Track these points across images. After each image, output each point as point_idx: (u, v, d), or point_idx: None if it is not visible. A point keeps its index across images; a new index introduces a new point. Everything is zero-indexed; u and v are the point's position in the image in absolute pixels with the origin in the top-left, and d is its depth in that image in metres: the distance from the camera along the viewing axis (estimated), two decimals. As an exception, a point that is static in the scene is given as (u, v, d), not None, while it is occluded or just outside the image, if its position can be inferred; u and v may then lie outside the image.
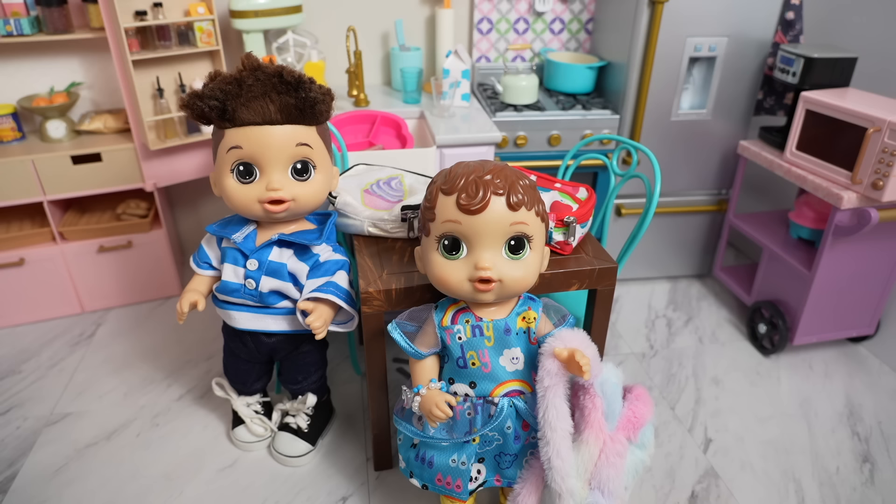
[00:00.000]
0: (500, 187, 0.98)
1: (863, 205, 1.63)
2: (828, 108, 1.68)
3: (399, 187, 1.46)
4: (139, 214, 2.08)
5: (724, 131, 2.09)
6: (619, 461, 1.07)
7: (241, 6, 1.87)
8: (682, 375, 1.88)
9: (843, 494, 1.48)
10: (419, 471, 1.19)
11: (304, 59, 2.05)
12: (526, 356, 1.11)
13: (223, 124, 1.19)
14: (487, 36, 2.30)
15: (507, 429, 1.13)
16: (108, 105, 2.12)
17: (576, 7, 2.29)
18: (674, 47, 1.92)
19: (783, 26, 1.95)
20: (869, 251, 1.78)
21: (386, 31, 2.25)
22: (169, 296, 2.18)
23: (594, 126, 2.02)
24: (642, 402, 1.13)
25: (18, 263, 1.92)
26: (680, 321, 2.15)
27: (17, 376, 1.80)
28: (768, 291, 1.99)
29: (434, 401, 1.08)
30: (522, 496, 1.12)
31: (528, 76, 2.05)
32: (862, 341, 2.02)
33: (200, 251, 1.40)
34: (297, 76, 1.16)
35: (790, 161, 1.84)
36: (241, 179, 1.22)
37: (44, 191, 1.87)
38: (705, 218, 2.25)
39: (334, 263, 1.33)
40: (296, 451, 1.51)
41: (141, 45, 1.78)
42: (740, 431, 1.66)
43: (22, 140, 1.94)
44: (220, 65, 1.89)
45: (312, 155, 1.24)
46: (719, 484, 1.50)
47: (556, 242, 1.29)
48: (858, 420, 1.71)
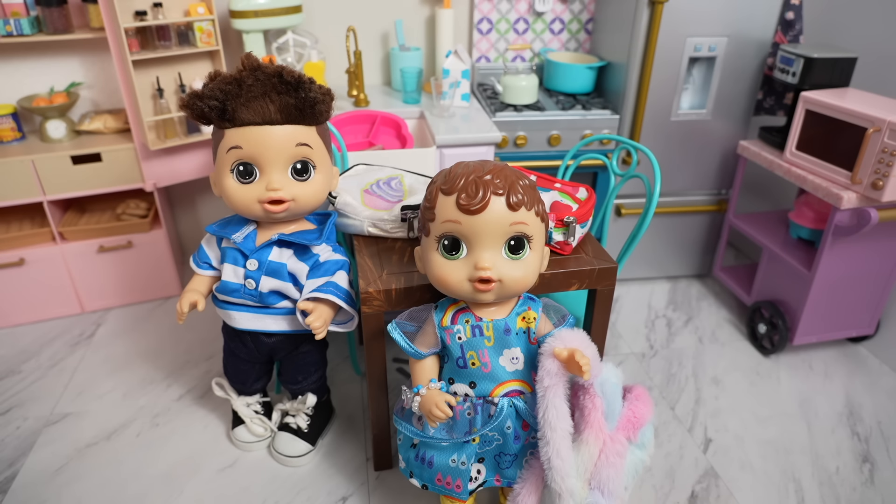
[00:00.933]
0: (499, 187, 0.98)
1: (862, 205, 1.63)
2: (828, 108, 1.68)
3: (399, 187, 1.46)
4: (139, 214, 2.08)
5: (724, 131, 2.09)
6: (619, 461, 1.07)
7: (241, 6, 1.87)
8: (681, 375, 1.88)
9: (843, 494, 1.48)
10: (419, 471, 1.19)
11: (304, 59, 2.05)
12: (526, 356, 1.11)
13: (223, 124, 1.19)
14: (487, 36, 2.30)
15: (506, 429, 1.13)
16: (108, 105, 2.12)
17: (576, 7, 2.29)
18: (674, 47, 1.92)
19: (783, 26, 1.95)
20: (869, 251, 1.79)
21: (386, 31, 2.25)
22: (169, 296, 2.18)
23: (594, 126, 2.02)
24: (642, 402, 1.13)
25: (18, 263, 1.92)
26: (680, 321, 2.15)
27: (17, 376, 1.80)
28: (768, 291, 1.99)
29: (434, 401, 1.08)
30: (522, 496, 1.12)
31: (528, 76, 2.05)
32: (862, 341, 2.02)
33: (200, 251, 1.40)
34: (297, 76, 1.17)
35: (790, 161, 1.84)
36: (241, 179, 1.22)
37: (44, 191, 1.87)
38: (705, 218, 2.25)
39: (334, 263, 1.33)
40: (296, 451, 1.51)
41: (141, 45, 1.78)
42: (740, 431, 1.66)
43: (22, 140, 1.94)
44: (220, 65, 1.89)
45: (312, 155, 1.24)
46: (719, 484, 1.50)
47: (556, 242, 1.29)
48: (858, 420, 1.71)
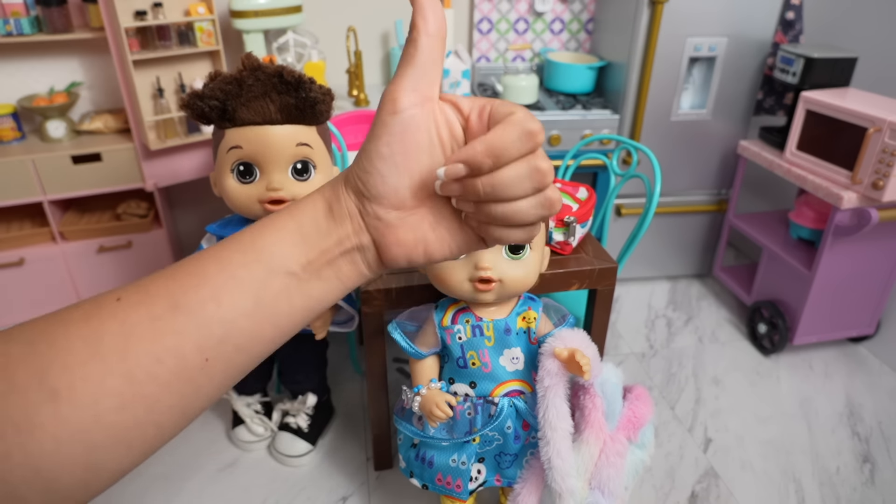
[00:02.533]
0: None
1: (863, 205, 1.63)
2: (828, 108, 1.68)
3: (399, 187, 1.46)
4: (139, 214, 2.08)
5: (724, 131, 2.09)
6: (620, 461, 1.07)
7: (241, 6, 1.87)
8: (682, 375, 1.88)
9: (844, 494, 1.48)
10: (419, 471, 1.19)
11: (304, 59, 2.05)
12: (526, 356, 1.11)
13: (223, 124, 1.19)
14: (487, 36, 2.30)
15: (507, 429, 1.13)
16: (108, 105, 2.12)
17: (576, 7, 2.29)
18: (674, 47, 1.92)
19: (783, 26, 1.95)
20: (869, 251, 1.78)
21: (386, 31, 2.25)
22: (169, 296, 2.17)
23: (594, 126, 2.02)
24: (642, 401, 1.14)
25: (18, 263, 1.92)
26: (680, 321, 2.15)
27: (17, 376, 1.80)
28: (768, 291, 1.99)
29: (434, 401, 1.08)
30: (522, 496, 1.12)
31: (528, 76, 2.05)
32: (862, 341, 2.02)
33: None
34: (298, 76, 1.16)
35: (790, 161, 1.84)
36: (242, 179, 1.22)
37: (44, 191, 1.87)
38: (705, 218, 2.25)
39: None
40: (296, 451, 1.51)
41: (141, 45, 1.78)
42: (740, 431, 1.66)
43: (22, 140, 1.94)
44: (220, 65, 1.89)
45: (312, 155, 1.24)
46: (719, 484, 1.50)
47: (556, 242, 1.29)
48: (858, 420, 1.71)
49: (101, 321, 0.35)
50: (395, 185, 0.38)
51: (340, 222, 0.39)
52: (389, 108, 0.37)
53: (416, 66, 0.37)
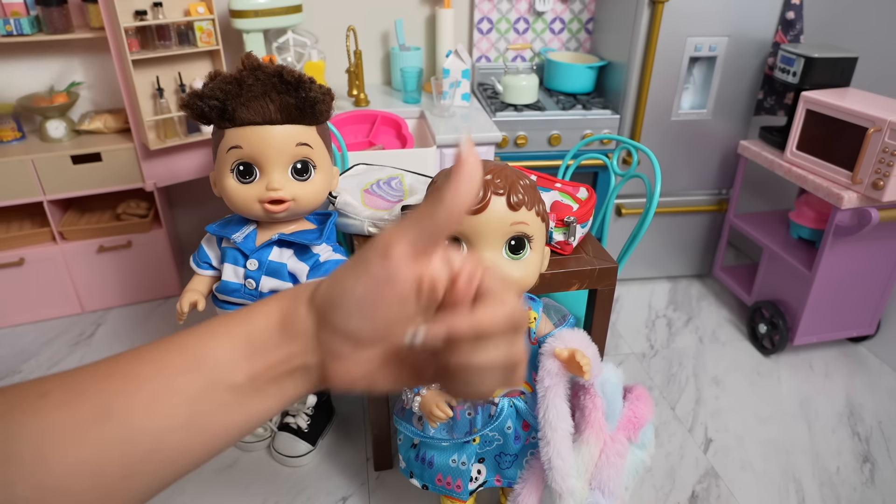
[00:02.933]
0: (500, 187, 0.98)
1: (863, 205, 1.63)
2: (828, 108, 1.68)
3: (399, 187, 1.46)
4: (139, 214, 2.08)
5: (725, 131, 2.09)
6: (620, 461, 1.07)
7: (241, 6, 1.87)
8: (682, 375, 1.87)
9: (844, 494, 1.48)
10: (419, 471, 1.19)
11: (304, 58, 2.05)
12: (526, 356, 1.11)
13: (223, 124, 1.19)
14: (487, 36, 2.30)
15: (507, 429, 1.13)
16: (108, 105, 2.12)
17: (576, 7, 2.29)
18: (674, 47, 1.92)
19: (783, 26, 1.95)
20: (869, 251, 1.78)
21: (386, 31, 2.25)
22: (169, 296, 2.18)
23: (594, 126, 2.02)
24: (642, 402, 1.13)
25: (18, 263, 1.92)
26: (680, 321, 2.14)
27: (18, 376, 1.80)
28: (768, 291, 1.99)
29: (434, 401, 1.08)
30: (523, 496, 1.11)
31: (529, 76, 2.05)
32: (862, 341, 2.02)
33: (200, 251, 1.40)
34: (297, 76, 1.16)
35: (790, 161, 1.83)
36: (241, 179, 1.22)
37: (44, 191, 1.87)
38: (705, 218, 2.25)
39: (334, 263, 1.33)
40: (296, 451, 1.51)
41: (141, 44, 1.78)
42: (740, 431, 1.66)
43: (22, 140, 1.94)
44: (220, 65, 1.89)
45: (312, 155, 1.23)
46: (719, 484, 1.50)
47: (556, 242, 1.29)
48: (859, 420, 1.71)
49: (19, 420, 0.32)
50: (359, 326, 0.36)
51: (293, 339, 0.37)
52: (381, 252, 0.34)
53: (427, 230, 0.34)
